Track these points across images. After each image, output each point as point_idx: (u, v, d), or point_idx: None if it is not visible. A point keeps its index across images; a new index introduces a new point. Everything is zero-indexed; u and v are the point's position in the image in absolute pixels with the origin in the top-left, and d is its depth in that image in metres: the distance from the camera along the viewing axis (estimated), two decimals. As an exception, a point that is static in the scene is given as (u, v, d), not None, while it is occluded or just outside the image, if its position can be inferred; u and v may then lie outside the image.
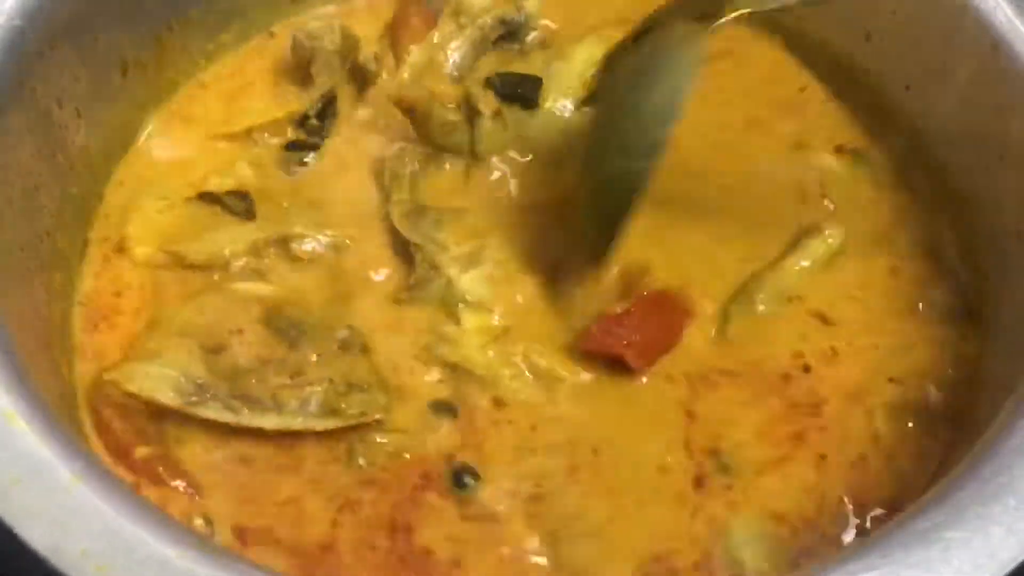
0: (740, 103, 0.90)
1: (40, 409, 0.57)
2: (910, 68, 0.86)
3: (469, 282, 0.77)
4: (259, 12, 0.94)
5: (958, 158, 0.82)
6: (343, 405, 0.71)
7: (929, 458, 0.71)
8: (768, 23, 0.95)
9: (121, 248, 0.80)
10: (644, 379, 0.73)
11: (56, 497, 0.52)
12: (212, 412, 0.69)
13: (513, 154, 0.85)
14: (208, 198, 0.82)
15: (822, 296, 0.79)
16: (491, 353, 0.74)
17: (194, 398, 0.69)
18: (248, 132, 0.87)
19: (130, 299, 0.78)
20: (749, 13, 0.71)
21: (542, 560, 0.66)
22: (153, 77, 0.88)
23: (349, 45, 0.90)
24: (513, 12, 0.91)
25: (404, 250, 0.79)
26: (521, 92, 0.85)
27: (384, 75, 0.89)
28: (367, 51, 0.90)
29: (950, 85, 0.82)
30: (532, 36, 0.92)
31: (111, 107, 0.84)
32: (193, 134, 0.88)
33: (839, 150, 0.88)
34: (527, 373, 0.73)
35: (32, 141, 0.74)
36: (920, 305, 0.79)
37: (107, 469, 0.57)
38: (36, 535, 0.50)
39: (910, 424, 0.73)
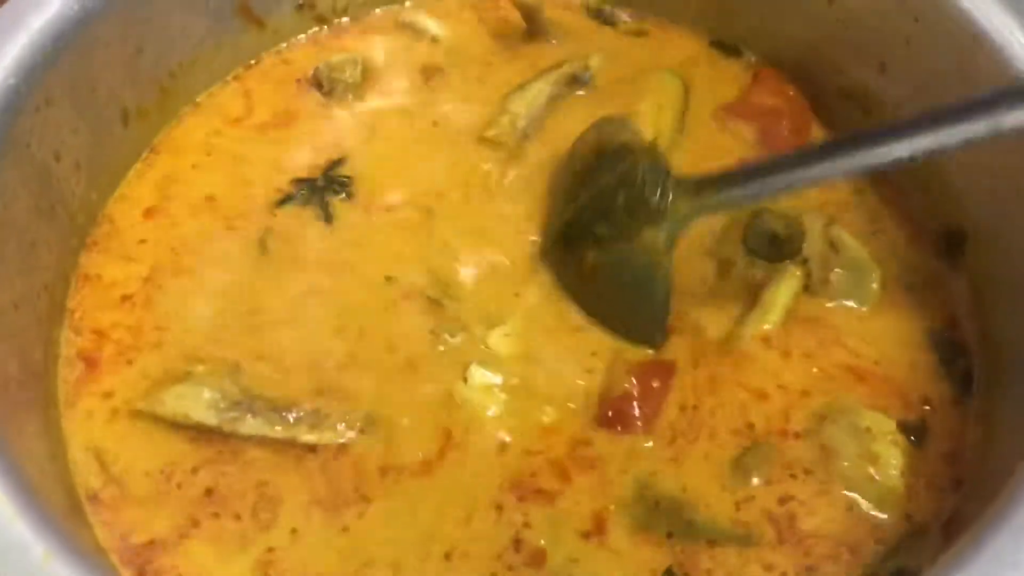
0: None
1: (18, 481, 0.57)
2: (926, 99, 0.82)
3: (494, 339, 0.76)
4: (263, 46, 0.94)
5: (975, 192, 0.79)
6: (377, 420, 0.71)
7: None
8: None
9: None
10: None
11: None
12: (252, 428, 0.70)
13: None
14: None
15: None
16: (494, 411, 0.73)
17: (232, 414, 0.70)
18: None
19: (134, 335, 0.77)
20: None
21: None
22: (155, 124, 0.88)
23: (367, 76, 0.92)
24: (581, 69, 0.93)
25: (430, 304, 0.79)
26: None
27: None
28: (386, 86, 0.92)
29: (967, 119, 0.79)
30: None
31: (113, 156, 0.84)
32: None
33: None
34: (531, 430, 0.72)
35: (28, 197, 0.74)
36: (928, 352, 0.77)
37: (79, 546, 0.56)
38: (4, 617, 0.50)
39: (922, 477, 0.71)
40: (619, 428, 0.72)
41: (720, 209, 0.75)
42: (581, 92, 0.92)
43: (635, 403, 0.72)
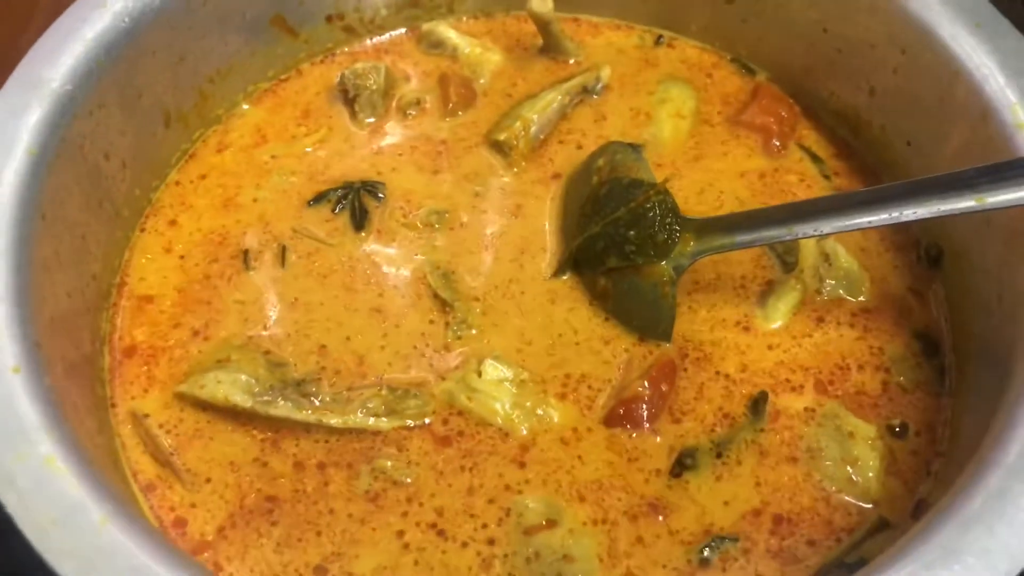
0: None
1: (77, 452, 0.64)
2: (911, 125, 0.89)
3: (496, 339, 0.83)
4: (295, 55, 1.01)
5: (952, 217, 0.85)
6: (400, 407, 0.78)
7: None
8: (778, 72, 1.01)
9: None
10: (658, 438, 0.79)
11: (87, 537, 0.59)
12: (283, 410, 0.77)
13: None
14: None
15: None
16: (507, 405, 0.80)
17: (266, 397, 0.77)
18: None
19: (175, 323, 0.84)
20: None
21: None
22: (195, 124, 0.95)
23: (391, 84, 0.99)
24: (592, 80, 1.00)
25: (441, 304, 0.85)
26: None
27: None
28: (409, 94, 0.99)
29: (945, 146, 0.85)
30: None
31: (155, 155, 0.91)
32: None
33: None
34: (540, 423, 0.79)
35: (81, 194, 0.81)
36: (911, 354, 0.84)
37: (134, 511, 0.64)
38: (69, 571, 0.57)
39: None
40: (627, 426, 0.78)
41: (722, 250, 0.82)
42: (596, 99, 1.00)
43: (644, 404, 0.78)
